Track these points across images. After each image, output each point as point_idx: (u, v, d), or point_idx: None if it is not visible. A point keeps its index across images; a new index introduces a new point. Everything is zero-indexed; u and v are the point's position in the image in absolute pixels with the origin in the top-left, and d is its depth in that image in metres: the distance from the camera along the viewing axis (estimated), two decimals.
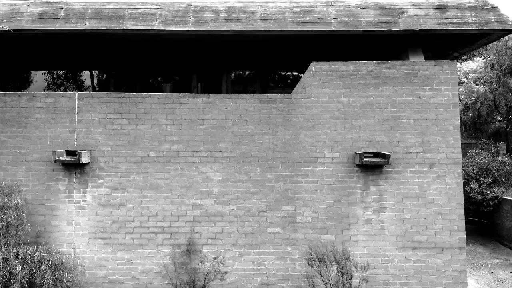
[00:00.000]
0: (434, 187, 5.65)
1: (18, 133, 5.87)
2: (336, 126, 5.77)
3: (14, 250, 5.06)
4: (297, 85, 5.94)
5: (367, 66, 5.82)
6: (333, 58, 7.49)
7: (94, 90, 10.13)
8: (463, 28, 6.19)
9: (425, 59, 8.25)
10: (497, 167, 11.46)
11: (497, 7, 6.78)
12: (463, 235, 5.64)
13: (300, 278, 5.49)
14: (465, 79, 15.68)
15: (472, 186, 11.17)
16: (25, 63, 8.98)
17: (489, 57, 15.71)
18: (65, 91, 10.26)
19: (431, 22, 6.20)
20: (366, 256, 5.55)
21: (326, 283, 4.81)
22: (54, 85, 10.20)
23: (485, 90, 13.99)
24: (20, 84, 9.29)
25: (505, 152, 12.78)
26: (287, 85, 9.49)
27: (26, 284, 4.98)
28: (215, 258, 5.36)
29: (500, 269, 9.25)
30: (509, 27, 6.40)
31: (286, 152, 5.82)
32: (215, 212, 5.72)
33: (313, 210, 5.66)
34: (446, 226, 5.63)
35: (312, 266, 4.94)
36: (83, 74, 10.09)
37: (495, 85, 13.35)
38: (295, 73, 9.49)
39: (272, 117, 5.88)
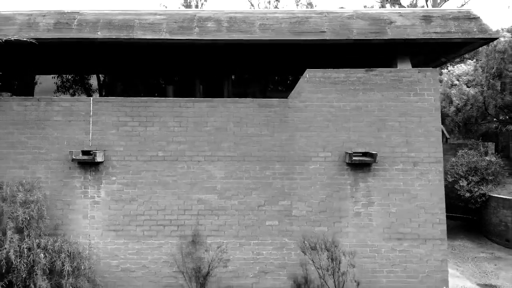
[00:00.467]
0: (417, 184, 6.16)
1: (37, 134, 6.38)
2: (328, 128, 6.28)
3: (37, 240, 5.57)
4: (293, 91, 6.45)
5: (357, 73, 6.33)
6: (328, 63, 7.99)
7: (100, 92, 10.64)
8: (446, 37, 6.69)
9: (417, 64, 8.79)
10: (485, 166, 11.97)
11: (479, 17, 7.29)
12: (444, 227, 6.15)
13: (295, 266, 6.01)
14: (457, 82, 16.18)
15: (461, 184, 11.69)
16: (34, 67, 9.43)
17: (480, 60, 16.21)
18: (74, 93, 10.78)
19: (417, 32, 6.69)
20: (355, 246, 6.06)
21: (318, 268, 5.32)
22: (63, 88, 10.71)
23: (476, 93, 14.49)
24: (25, 86, 9.70)
25: (494, 152, 13.28)
26: (285, 87, 10.01)
27: (47, 271, 5.49)
28: (218, 247, 5.88)
29: (486, 262, 9.77)
30: (489, 36, 6.92)
31: (283, 152, 6.33)
32: (218, 206, 6.23)
33: (307, 204, 6.18)
34: (428, 219, 6.14)
35: (305, 254, 5.45)
36: (90, 77, 10.62)
37: (484, 88, 13.86)
38: (292, 77, 10.01)
39: (270, 119, 6.40)
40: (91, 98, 6.40)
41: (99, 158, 6.10)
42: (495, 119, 14.72)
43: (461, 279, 8.31)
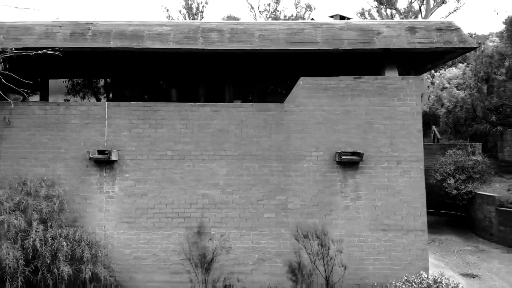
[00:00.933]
0: (401, 180, 6.79)
1: (57, 136, 7.00)
2: (320, 130, 6.91)
3: (59, 230, 6.19)
4: (288, 96, 7.08)
5: (346, 81, 6.96)
6: (322, 70, 8.62)
7: (108, 95, 11.27)
8: (429, 46, 7.30)
9: (407, 70, 9.41)
10: (472, 165, 12.60)
11: (459, 28, 7.91)
12: (424, 219, 6.78)
13: (290, 254, 6.62)
14: (448, 85, 16.79)
15: (449, 182, 12.32)
16: (48, 71, 10.00)
17: (471, 64, 16.84)
18: (83, 96, 11.41)
19: (402, 42, 7.31)
20: (344, 236, 6.67)
21: (309, 254, 5.93)
22: (73, 91, 11.33)
23: (465, 95, 15.11)
24: (41, 89, 10.26)
25: (481, 152, 13.91)
26: (283, 91, 10.61)
27: (69, 258, 6.11)
28: (221, 236, 6.50)
29: (470, 255, 10.38)
30: (468, 46, 7.55)
31: (279, 151, 6.96)
32: (221, 200, 6.86)
33: (301, 199, 6.80)
34: (410, 212, 6.77)
35: (298, 241, 6.07)
36: (99, 81, 11.24)
37: (473, 91, 14.47)
38: (289, 82, 10.63)
39: (268, 122, 7.02)
40: (106, 103, 7.02)
41: (113, 157, 6.73)
42: (483, 120, 15.33)
43: (445, 269, 8.91)
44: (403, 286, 5.43)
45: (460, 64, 18.20)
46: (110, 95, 11.43)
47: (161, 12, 67.24)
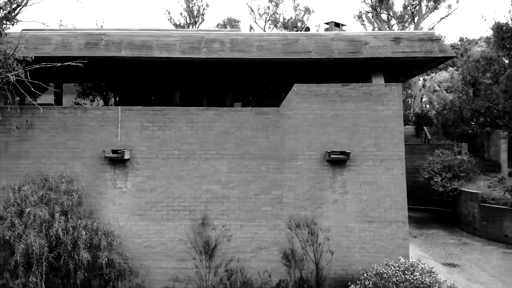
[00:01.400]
0: (384, 177, 7.50)
1: (75, 137, 7.70)
2: (312, 132, 7.62)
3: (79, 221, 6.89)
4: (283, 101, 7.79)
5: (335, 87, 7.67)
6: (315, 76, 9.33)
7: (115, 99, 11.96)
8: (412, 56, 8.00)
9: (395, 76, 10.10)
10: (458, 164, 13.31)
11: (440, 39, 8.64)
12: (405, 212, 7.49)
13: (284, 243, 7.32)
14: (438, 88, 17.49)
15: (436, 180, 13.03)
16: (60, 76, 10.62)
17: (460, 68, 17.56)
18: (93, 100, 12.10)
19: (387, 51, 8.01)
20: (333, 227, 7.38)
21: (301, 240, 6.62)
22: (83, 94, 12.01)
23: (454, 98, 15.81)
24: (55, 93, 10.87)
25: (467, 152, 14.62)
26: (280, 95, 11.32)
27: (87, 246, 6.81)
28: (223, 226, 7.21)
29: (453, 247, 11.11)
30: (448, 55, 8.27)
31: (275, 151, 7.66)
32: (223, 195, 7.57)
33: (295, 193, 7.51)
34: (393, 205, 7.48)
35: (291, 230, 6.77)
36: (108, 85, 11.90)
37: (460, 94, 15.17)
38: (285, 86, 11.33)
39: (265, 125, 7.72)
40: (119, 107, 7.72)
41: (126, 156, 7.43)
42: (472, 122, 16.03)
43: (428, 260, 9.63)
44: (383, 269, 6.13)
45: (450, 68, 18.89)
46: (117, 98, 12.14)
47: (163, 14, 67.83)
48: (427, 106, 18.55)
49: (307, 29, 17.74)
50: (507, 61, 15.72)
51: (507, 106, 14.26)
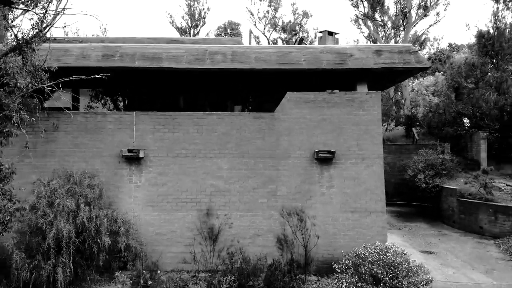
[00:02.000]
0: (365, 173, 8.50)
1: (95, 138, 8.69)
2: (303, 134, 8.61)
3: (100, 211, 7.89)
4: (277, 107, 8.78)
5: (322, 95, 8.67)
6: (307, 84, 10.33)
7: (125, 104, 12.93)
8: (392, 66, 8.99)
9: (380, 83, 11.06)
10: (440, 162, 14.30)
11: (417, 51, 9.62)
12: (383, 204, 8.49)
13: (278, 230, 8.31)
14: (425, 91, 18.48)
15: (419, 177, 14.02)
16: (77, 82, 11.57)
17: (446, 73, 18.55)
18: (105, 104, 13.08)
19: (370, 63, 9.00)
20: (321, 217, 8.38)
21: (291, 226, 7.60)
22: (95, 98, 12.98)
23: (438, 101, 16.79)
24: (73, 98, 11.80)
25: (449, 151, 15.61)
26: (274, 100, 12.31)
27: (108, 232, 7.79)
28: (225, 215, 8.21)
29: (432, 237, 12.10)
30: (424, 66, 9.28)
31: (271, 151, 8.65)
32: (225, 189, 8.56)
33: (288, 187, 8.51)
34: (372, 198, 8.48)
35: (283, 218, 7.75)
36: (118, 90, 12.87)
37: (444, 98, 16.15)
38: (281, 93, 12.32)
39: (262, 127, 8.71)
40: (134, 112, 8.72)
41: (141, 155, 8.43)
42: (456, 124, 17.00)
43: (408, 248, 10.61)
44: (362, 251, 7.11)
45: (437, 73, 19.88)
46: (125, 102, 13.12)
47: (165, 18, 68.75)
48: (418, 108, 19.53)
49: (301, 39, 18.72)
50: (489, 67, 16.73)
51: (486, 109, 15.27)
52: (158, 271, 7.68)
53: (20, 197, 7.10)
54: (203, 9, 41.65)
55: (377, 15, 24.27)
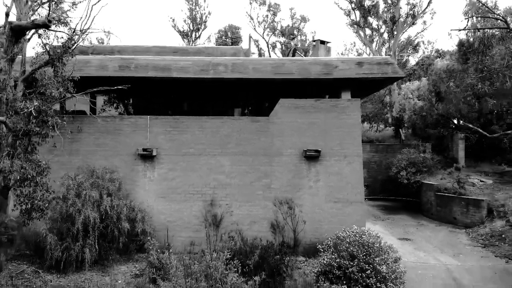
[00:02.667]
0: (346, 169, 9.72)
1: (114, 139, 9.90)
2: (294, 135, 9.83)
3: (119, 201, 9.10)
4: (271, 112, 9.99)
5: (310, 101, 9.89)
6: (298, 91, 11.54)
7: (133, 106, 14.12)
8: (371, 76, 10.20)
9: (364, 90, 12.26)
10: (421, 161, 15.51)
11: (393, 63, 10.83)
12: (362, 195, 9.70)
13: (272, 218, 9.52)
14: (410, 95, 19.67)
15: (402, 174, 15.24)
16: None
17: (431, 78, 19.75)
18: (116, 108, 14.29)
19: (352, 73, 10.21)
20: (309, 206, 9.60)
21: (282, 213, 8.82)
22: (108, 102, 14.19)
23: (422, 105, 17.99)
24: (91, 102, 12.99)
25: (430, 151, 16.84)
26: (270, 105, 13.53)
27: (127, 219, 9.00)
28: (226, 205, 9.44)
29: (411, 227, 13.32)
30: (399, 76, 10.49)
31: (266, 150, 9.87)
32: (226, 183, 9.77)
33: (280, 181, 9.73)
34: (353, 190, 9.70)
35: (276, 206, 8.98)
36: (129, 95, 14.05)
37: (426, 101, 17.34)
38: (276, 99, 13.53)
39: (259, 129, 9.93)
40: (148, 116, 9.93)
41: (154, 153, 9.64)
42: (438, 125, 18.20)
43: (388, 235, 11.85)
44: (341, 233, 8.32)
45: (423, 78, 21.07)
46: (138, 106, 14.31)
47: (167, 21, 69.84)
48: (405, 111, 20.72)
49: (295, 50, 19.85)
50: (470, 73, 17.91)
51: (464, 112, 16.48)
52: (171, 250, 8.89)
53: (53, 189, 8.32)
54: (204, 13, 42.66)
55: (369, 21, 25.43)
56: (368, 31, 25.32)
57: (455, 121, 17.86)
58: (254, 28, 40.93)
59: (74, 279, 8.19)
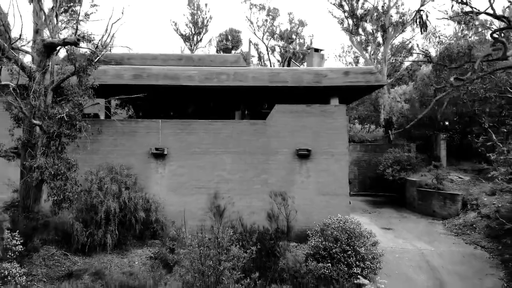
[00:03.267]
0: (334, 166, 10.92)
1: (131, 140, 11.09)
2: (288, 136, 11.02)
3: (136, 194, 10.29)
4: (268, 116, 11.19)
5: (302, 107, 11.08)
6: (293, 97, 12.73)
7: (144, 112, 15.30)
8: (356, 84, 11.39)
9: (348, 98, 13.46)
10: (405, 159, 16.71)
11: (376, 72, 12.02)
12: (347, 189, 10.89)
13: (268, 209, 10.67)
14: (399, 99, 20.86)
15: (387, 171, 16.44)
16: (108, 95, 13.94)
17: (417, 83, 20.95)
18: (128, 111, 15.47)
19: (339, 81, 11.41)
20: (301, 199, 10.80)
21: (277, 204, 10.02)
22: (120, 106, 15.37)
23: (408, 108, 19.18)
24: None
25: (415, 150, 18.05)
26: (267, 109, 14.71)
27: (143, 208, 10.18)
28: (228, 197, 10.64)
29: (394, 219, 14.52)
30: (381, 84, 11.69)
31: (263, 149, 11.07)
32: (228, 178, 10.97)
33: (276, 177, 10.93)
34: (339, 185, 10.89)
35: (271, 198, 10.20)
36: (139, 100, 15.18)
37: (412, 105, 18.53)
38: (273, 104, 14.72)
39: (257, 131, 11.13)
40: (160, 120, 11.12)
41: (165, 152, 10.84)
42: (422, 126, 19.37)
43: (373, 226, 13.05)
44: (327, 221, 9.52)
45: (411, 82, 22.27)
46: (149, 110, 15.48)
47: (169, 25, 70.91)
48: (394, 113, 21.90)
49: (290, 58, 21.06)
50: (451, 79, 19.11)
51: (445, 115, 17.68)
52: (183, 232, 10.08)
53: (80, 183, 9.50)
54: (206, 17, 43.72)
55: (361, 29, 26.60)
56: (363, 36, 26.45)
57: (433, 123, 19.02)
58: (254, 32, 41.83)
59: (97, 260, 9.38)
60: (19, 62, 9.20)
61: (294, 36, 42.24)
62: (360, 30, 25.29)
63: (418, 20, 10.25)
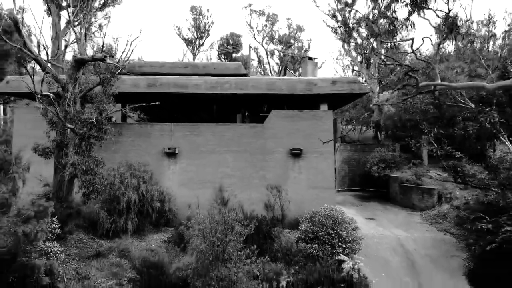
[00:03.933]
0: (323, 164, 12.39)
1: (146, 141, 12.55)
2: (283, 138, 12.49)
3: (152, 187, 11.75)
4: (265, 120, 12.66)
5: (295, 112, 12.55)
6: (288, 103, 14.20)
7: (153, 116, 16.70)
8: (342, 92, 12.86)
9: (337, 104, 14.92)
10: (390, 158, 18.18)
11: (359, 81, 13.50)
12: (333, 184, 12.35)
13: (265, 200, 12.14)
14: (386, 103, 22.34)
15: (373, 168, 17.92)
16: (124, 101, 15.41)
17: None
18: (140, 115, 16.89)
19: (328, 89, 12.88)
20: (294, 193, 12.26)
21: (273, 195, 11.50)
22: (133, 110, 16.75)
23: (394, 111, 20.64)
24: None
25: (399, 149, 19.53)
26: (265, 113, 16.16)
27: (158, 199, 11.64)
28: (231, 190, 12.11)
29: (378, 211, 15.99)
30: (364, 91, 13.15)
31: (262, 149, 12.54)
32: (231, 174, 12.44)
33: (272, 173, 12.40)
34: (327, 180, 12.35)
35: (268, 190, 11.68)
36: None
37: (396, 108, 20.01)
38: (270, 109, 16.18)
39: (256, 133, 12.60)
40: (172, 123, 12.57)
41: (176, 151, 12.30)
42: (406, 128, 20.85)
43: (358, 216, 14.50)
44: (315, 209, 11.00)
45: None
46: (161, 115, 16.86)
47: (173, 30, 72.22)
48: (381, 116, 23.35)
49: (285, 67, 22.51)
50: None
51: (425, 117, 19.15)
52: (197, 213, 11.50)
53: (105, 178, 10.96)
54: (208, 22, 45.09)
55: (352, 39, 28.07)
56: (359, 40, 27.92)
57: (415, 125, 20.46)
58: (254, 37, 43.07)
59: (120, 243, 10.80)
60: (54, 75, 10.65)
61: (292, 41, 43.53)
62: (352, 40, 26.79)
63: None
